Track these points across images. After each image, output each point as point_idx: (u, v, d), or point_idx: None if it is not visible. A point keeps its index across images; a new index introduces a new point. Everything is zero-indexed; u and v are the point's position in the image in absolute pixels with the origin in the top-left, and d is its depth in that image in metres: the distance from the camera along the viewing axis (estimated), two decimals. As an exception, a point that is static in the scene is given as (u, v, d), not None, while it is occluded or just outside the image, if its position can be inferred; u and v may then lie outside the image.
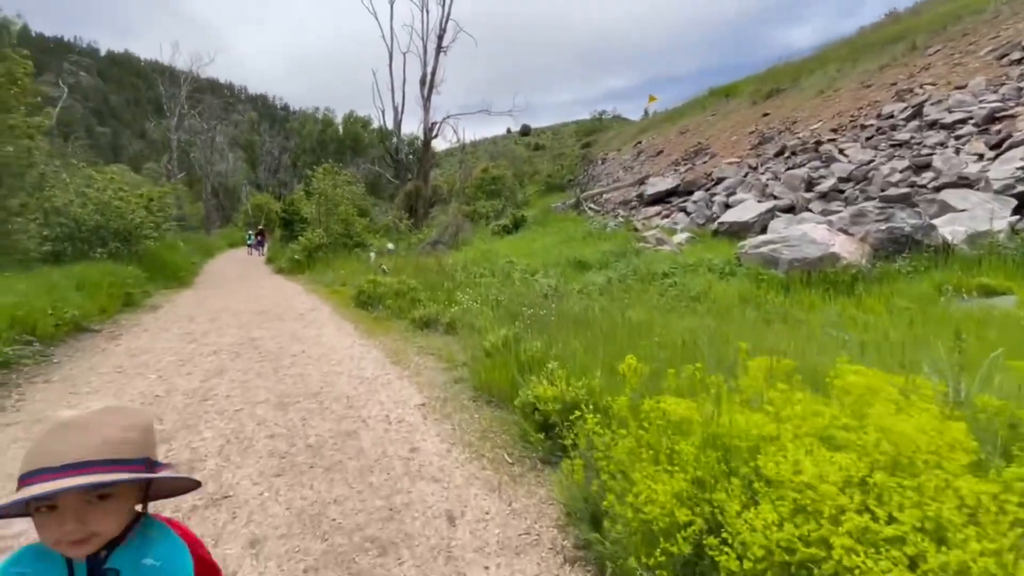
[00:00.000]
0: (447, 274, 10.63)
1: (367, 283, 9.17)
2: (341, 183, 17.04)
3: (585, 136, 47.66)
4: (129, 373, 4.87)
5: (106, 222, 10.74)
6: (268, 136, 54.91)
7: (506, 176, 27.57)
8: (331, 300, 9.94)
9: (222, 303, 9.17)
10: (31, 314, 5.42)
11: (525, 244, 16.73)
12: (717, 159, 18.74)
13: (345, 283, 12.26)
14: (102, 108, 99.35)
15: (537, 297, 8.38)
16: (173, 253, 12.58)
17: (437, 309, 7.47)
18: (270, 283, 12.49)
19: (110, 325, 6.90)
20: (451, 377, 4.93)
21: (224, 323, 7.43)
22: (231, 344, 6.17)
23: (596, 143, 38.90)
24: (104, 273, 7.77)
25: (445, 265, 12.71)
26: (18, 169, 8.29)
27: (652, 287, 8.82)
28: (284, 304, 9.27)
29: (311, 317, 8.12)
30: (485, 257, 14.71)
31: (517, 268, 11.23)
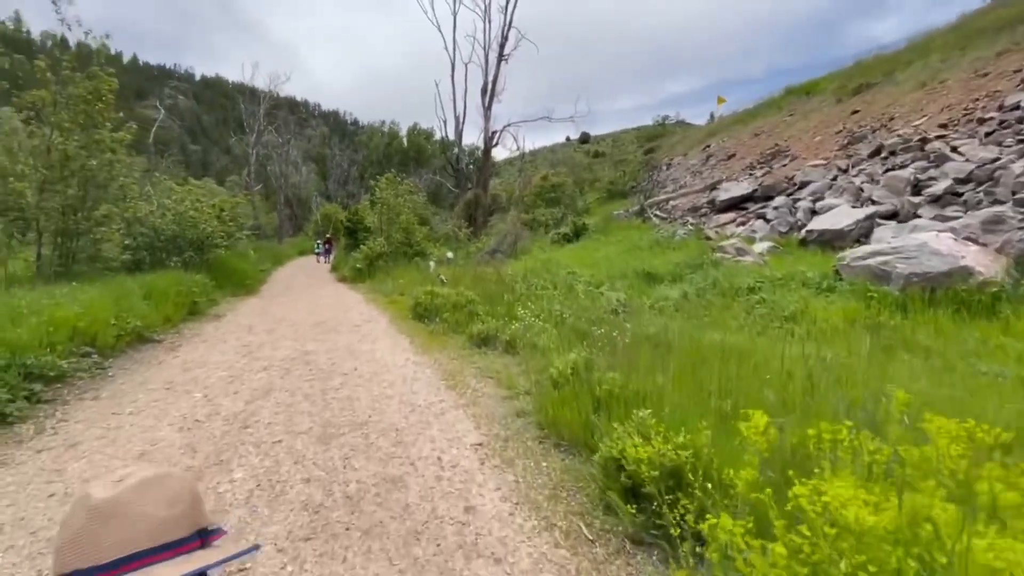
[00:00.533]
0: (506, 285, 10.07)
1: (424, 294, 8.76)
2: (403, 192, 17.02)
3: (647, 142, 46.07)
4: (177, 390, 4.60)
5: (182, 231, 11.08)
6: (338, 149, 57.40)
7: (566, 183, 26.86)
8: (389, 311, 9.63)
9: (282, 312, 9.08)
10: (93, 324, 5.34)
11: (587, 253, 15.92)
12: (798, 161, 17.11)
13: (404, 293, 12.00)
14: (195, 128, 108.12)
15: (605, 313, 7.62)
16: (243, 261, 12.89)
17: (496, 325, 6.89)
18: (331, 292, 12.48)
19: (172, 335, 6.85)
20: (512, 409, 4.29)
21: (281, 335, 7.21)
22: (283, 359, 5.86)
23: (660, 148, 37.37)
24: (172, 282, 7.84)
25: (504, 275, 12.18)
26: (102, 181, 8.58)
27: (736, 304, 7.80)
28: (342, 315, 9.04)
29: (367, 329, 7.78)
30: (545, 267, 14.07)
31: (580, 280, 10.48)
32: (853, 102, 18.74)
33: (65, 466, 3.10)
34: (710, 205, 18.28)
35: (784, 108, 24.35)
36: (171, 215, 11.15)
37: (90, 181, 8.53)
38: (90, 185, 8.57)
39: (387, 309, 9.85)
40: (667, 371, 4.29)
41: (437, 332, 7.47)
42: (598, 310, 7.82)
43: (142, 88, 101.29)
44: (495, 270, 13.21)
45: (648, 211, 21.17)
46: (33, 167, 8.06)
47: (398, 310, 9.63)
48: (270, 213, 43.19)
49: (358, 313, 9.28)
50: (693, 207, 19.53)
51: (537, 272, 13.19)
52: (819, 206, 12.79)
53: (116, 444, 3.44)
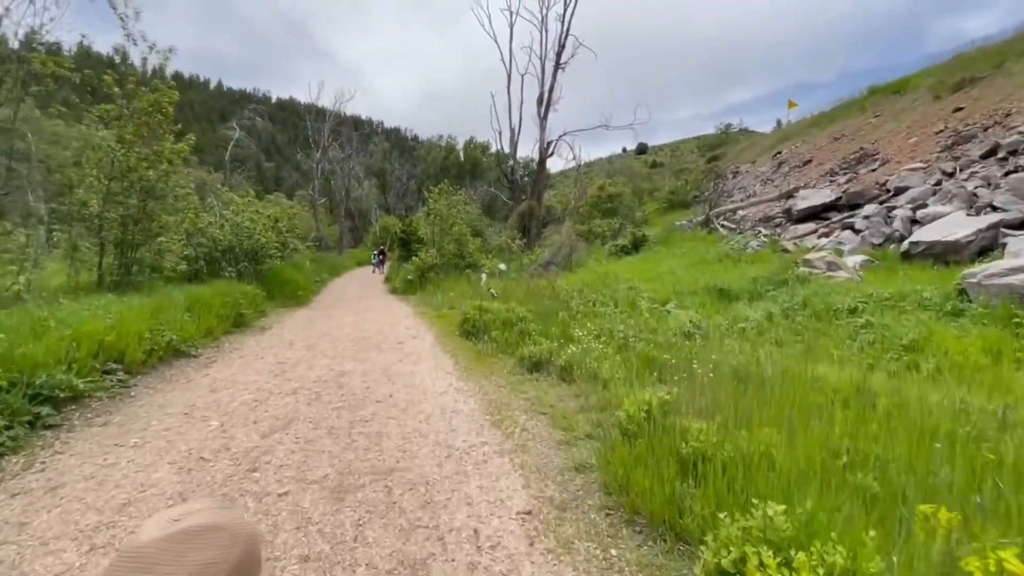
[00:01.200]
0: (561, 301, 9.22)
1: (473, 309, 8.08)
2: (456, 203, 16.64)
3: (709, 151, 43.98)
4: (194, 416, 4.11)
5: (238, 242, 11.08)
6: (398, 164, 58.97)
7: (624, 193, 25.71)
8: (436, 326, 9.03)
9: (327, 326, 8.69)
10: (123, 339, 5.01)
11: (648, 267, 14.79)
12: (890, 165, 15.21)
13: (453, 306, 11.42)
14: (270, 146, 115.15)
15: (675, 336, 6.61)
16: (297, 272, 12.85)
17: (550, 346, 6.06)
18: (381, 304, 12.12)
19: (211, 349, 6.53)
20: (570, 459, 3.44)
21: (320, 351, 6.74)
22: (316, 380, 5.31)
23: (724, 157, 35.40)
24: (217, 293, 7.61)
25: (558, 289, 11.34)
26: (159, 192, 8.58)
27: (834, 328, 6.56)
28: (387, 329, 8.53)
29: (410, 347, 7.17)
30: (602, 281, 13.10)
31: (643, 296, 9.47)
32: (955, 99, 16.59)
33: (32, 518, 2.58)
34: (786, 215, 16.64)
35: (868, 109, 22.15)
36: (228, 226, 11.19)
37: (149, 192, 8.54)
38: (149, 196, 8.58)
39: (434, 324, 9.26)
40: (768, 416, 3.31)
41: (485, 352, 6.74)
42: (667, 332, 6.82)
43: (225, 110, 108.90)
44: (549, 283, 12.40)
45: (714, 221, 19.68)
46: (96, 177, 8.14)
47: (445, 325, 9.02)
48: (332, 225, 44.64)
49: (404, 328, 8.74)
50: (766, 217, 17.90)
51: (594, 286, 12.26)
52: (921, 215, 11.10)
53: (102, 488, 2.91)
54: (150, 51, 8.71)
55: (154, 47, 8.72)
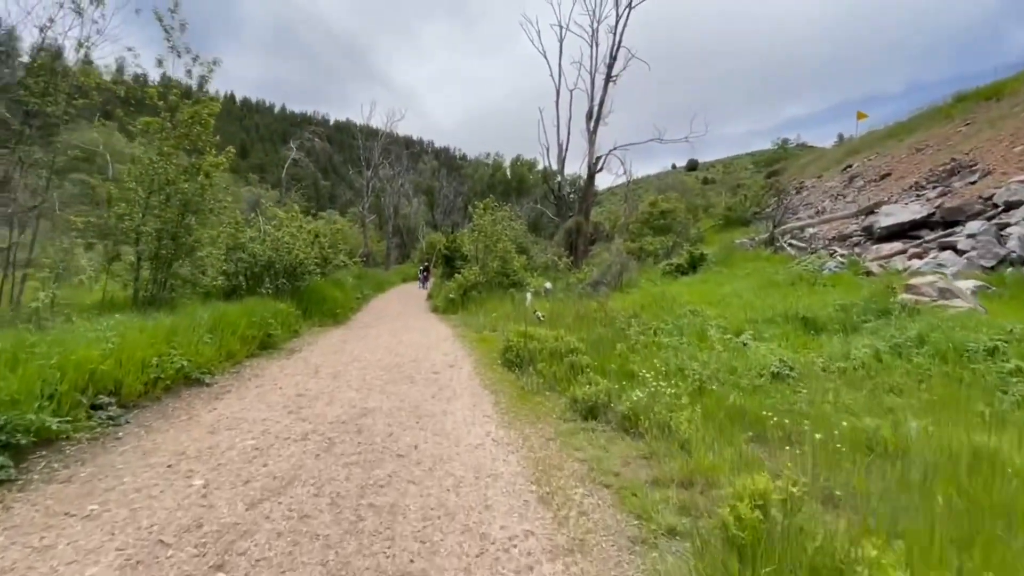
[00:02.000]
0: (616, 328, 8.15)
1: (516, 336, 7.15)
2: (501, 219, 15.91)
3: (766, 166, 41.74)
4: (178, 471, 3.36)
5: (278, 258, 10.71)
6: (446, 181, 59.59)
7: (677, 209, 24.28)
8: (476, 352, 8.16)
9: (360, 349, 7.99)
10: (122, 367, 4.41)
11: (710, 289, 13.42)
12: (994, 177, 13.25)
13: (495, 328, 10.55)
14: (327, 166, 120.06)
15: (761, 377, 5.43)
16: (336, 289, 12.40)
17: (607, 387, 5.03)
18: (420, 324, 11.42)
19: (228, 376, 5.89)
20: (651, 570, 2.41)
21: (346, 380, 5.98)
22: (333, 421, 4.51)
23: (785, 171, 33.24)
24: (244, 312, 7.07)
25: (611, 313, 10.25)
26: (195, 205, 8.24)
27: (969, 373, 5.17)
28: (422, 355, 7.72)
29: (446, 378, 6.30)
30: (658, 303, 11.89)
31: (711, 323, 8.23)
32: (1071, 101, 14.42)
33: None
34: (865, 233, 14.85)
35: (956, 117, 19.90)
36: (269, 241, 10.84)
37: (186, 205, 8.21)
38: (186, 209, 8.25)
39: (474, 349, 8.39)
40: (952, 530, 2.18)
41: (530, 389, 5.77)
42: (750, 372, 5.63)
43: (287, 132, 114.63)
44: (600, 305, 11.32)
45: (780, 240, 18.00)
46: (135, 190, 7.88)
47: (486, 351, 8.13)
48: (380, 242, 45.21)
49: (441, 354, 7.90)
50: (840, 235, 16.11)
51: (650, 309, 11.07)
52: (1048, 232, 9.32)
53: (14, 592, 2.15)
54: (193, 63, 8.48)
55: (197, 58, 8.49)
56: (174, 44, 8.28)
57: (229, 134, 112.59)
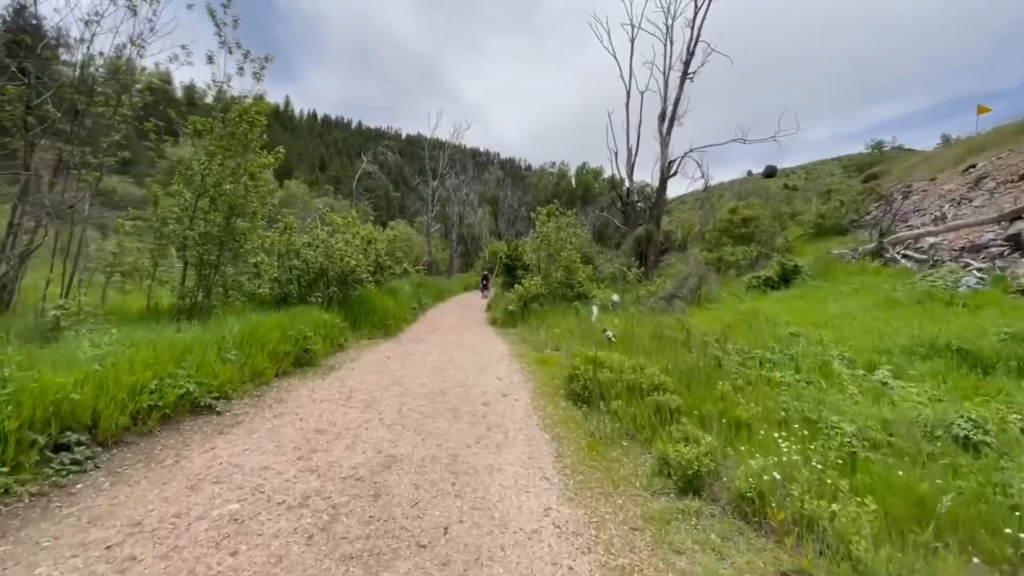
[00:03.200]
0: (707, 353, 6.62)
1: (584, 363, 5.86)
2: (565, 225, 14.65)
3: (857, 171, 37.54)
4: (116, 556, 2.41)
5: (331, 265, 10.10)
6: (510, 191, 59.28)
7: (761, 216, 21.82)
8: (535, 377, 6.94)
9: (404, 369, 7.00)
10: (107, 394, 3.61)
11: (810, 306, 11.39)
12: None
13: (559, 347, 9.27)
14: (398, 178, 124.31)
15: (929, 437, 3.80)
16: (389, 299, 11.67)
17: (710, 444, 3.64)
18: (475, 339, 10.37)
19: (246, 401, 5.06)
20: None
21: (379, 412, 4.96)
22: (347, 477, 3.46)
23: (886, 175, 29.44)
24: (276, 325, 6.31)
25: (695, 333, 8.66)
26: (240, 208, 7.70)
27: None
28: (473, 379, 6.60)
29: (497, 413, 5.13)
30: (748, 322, 10.11)
31: (831, 354, 6.48)
32: None
33: None
34: (1011, 243, 12.12)
35: (1125, 103, 16.19)
36: (322, 247, 10.27)
37: (233, 208, 7.69)
38: (233, 212, 7.73)
39: (534, 373, 7.17)
40: None
41: (603, 437, 4.46)
42: (912, 430, 3.99)
43: (363, 146, 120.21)
44: (680, 323, 9.74)
45: (890, 250, 15.37)
46: (181, 193, 7.46)
47: (548, 376, 6.89)
48: (444, 250, 45.34)
49: (494, 378, 6.75)
50: (973, 245, 13.35)
51: (740, 329, 9.35)
52: None
53: None
54: (244, 59, 8.01)
55: (248, 54, 8.00)
56: (225, 39, 7.83)
57: (311, 149, 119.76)
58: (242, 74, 8.10)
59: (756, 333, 9.08)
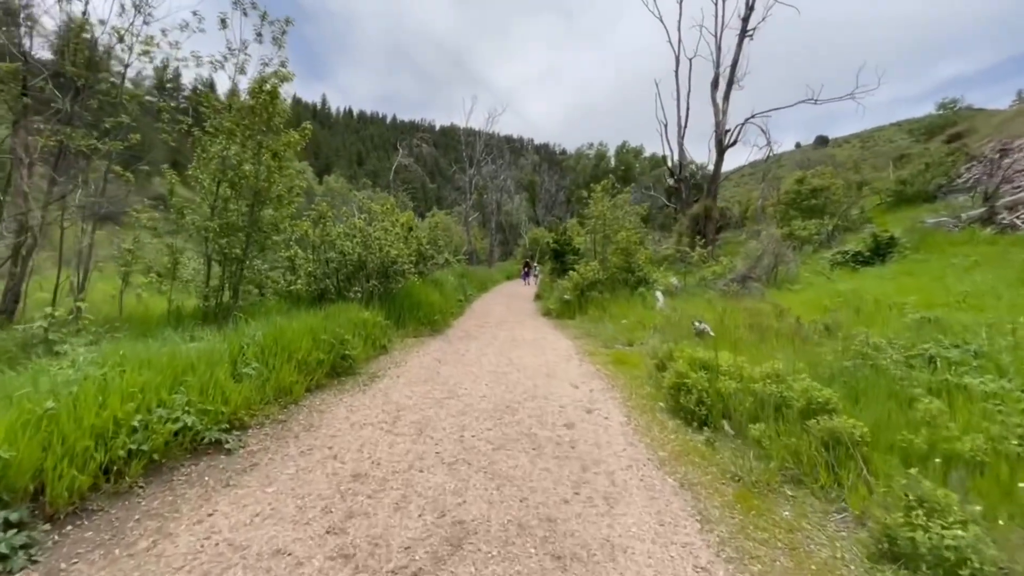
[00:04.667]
0: (841, 347, 5.05)
1: (690, 368, 4.46)
2: (621, 203, 13.10)
3: (926, 135, 33.78)
4: None
5: (369, 256, 9.02)
6: (547, 175, 57.49)
7: (833, 186, 19.46)
8: (618, 381, 5.58)
9: (458, 375, 5.79)
10: (62, 445, 2.54)
11: (927, 284, 9.47)
12: None
13: (631, 342, 7.87)
14: (433, 169, 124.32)
15: None
16: (434, 291, 10.52)
17: (946, 499, 2.19)
18: (531, 333, 9.08)
19: (265, 432, 3.92)
20: None
21: (433, 442, 3.74)
22: (397, 567, 2.24)
23: (971, 134, 26.07)
24: (307, 329, 5.20)
25: (793, 319, 7.05)
26: (264, 194, 6.65)
27: None
28: (543, 387, 5.31)
29: (588, 441, 3.82)
30: (854, 305, 8.38)
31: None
32: None
33: None
34: None
35: None
36: (360, 237, 9.19)
37: (257, 195, 6.66)
38: (257, 199, 6.70)
39: (614, 377, 5.80)
40: None
41: (755, 484, 3.08)
42: None
43: (398, 140, 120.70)
44: (775, 308, 8.12)
45: (1006, 215, 13.00)
46: (200, 181, 6.47)
47: (632, 381, 5.52)
48: (483, 239, 44.26)
49: (568, 385, 5.44)
50: (1125, 204, 10.94)
51: (845, 314, 7.67)
52: None
53: None
54: (262, 22, 6.88)
55: (265, 16, 6.87)
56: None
57: (348, 145, 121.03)
58: (260, 40, 7.02)
59: (873, 319, 7.38)
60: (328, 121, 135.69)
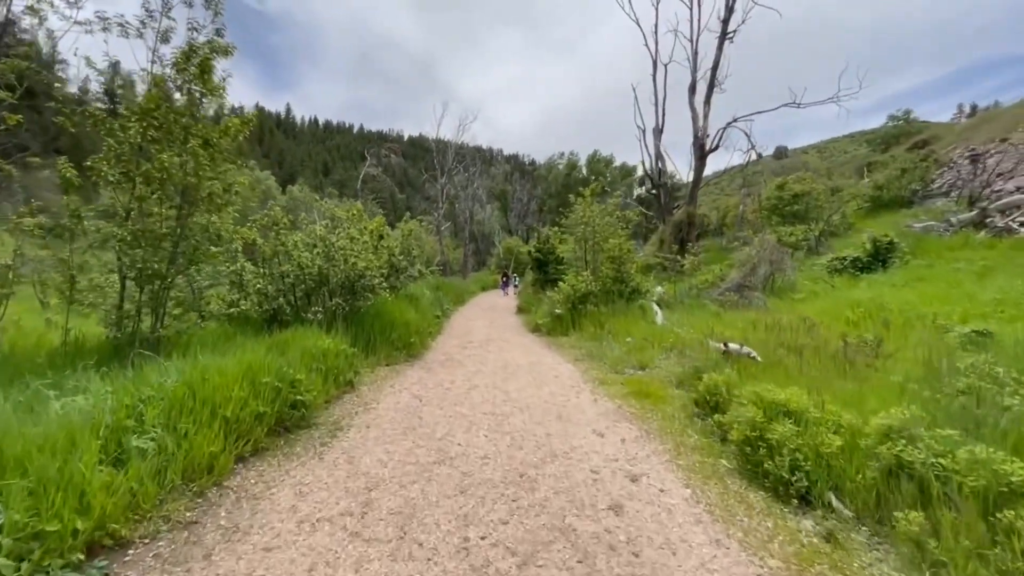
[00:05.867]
0: (954, 381, 4.00)
1: (762, 413, 3.29)
2: (611, 209, 12.05)
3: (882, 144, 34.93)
4: None
5: (333, 269, 7.59)
6: (519, 185, 56.67)
7: (815, 191, 19.09)
8: (651, 422, 4.38)
9: (445, 424, 4.45)
10: None
11: (947, 292, 8.72)
12: None
13: (644, 365, 6.69)
14: (403, 179, 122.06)
15: None
16: (409, 308, 9.09)
17: None
18: (523, 356, 7.83)
19: (159, 545, 2.55)
20: None
21: (425, 563, 2.43)
22: None
23: (936, 141, 26.54)
24: (245, 370, 3.73)
25: (823, 334, 6.05)
26: (192, 193, 5.18)
27: None
28: (557, 437, 4.04)
29: (654, 542, 2.57)
30: (878, 317, 7.52)
31: None
32: None
33: None
34: None
35: None
36: (321, 247, 7.76)
37: (185, 193, 5.19)
38: (185, 200, 5.23)
39: (644, 415, 4.59)
40: None
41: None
42: None
43: (364, 149, 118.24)
44: (804, 322, 7.12)
45: (998, 219, 12.62)
46: (102, 171, 4.95)
47: (667, 419, 4.34)
48: (456, 249, 42.83)
49: (592, 434, 4.18)
50: (1125, 205, 10.59)
51: (870, 326, 6.77)
52: None
53: None
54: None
55: None
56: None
57: (314, 155, 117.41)
58: (190, 3, 5.58)
59: (908, 334, 6.49)
60: (293, 131, 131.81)
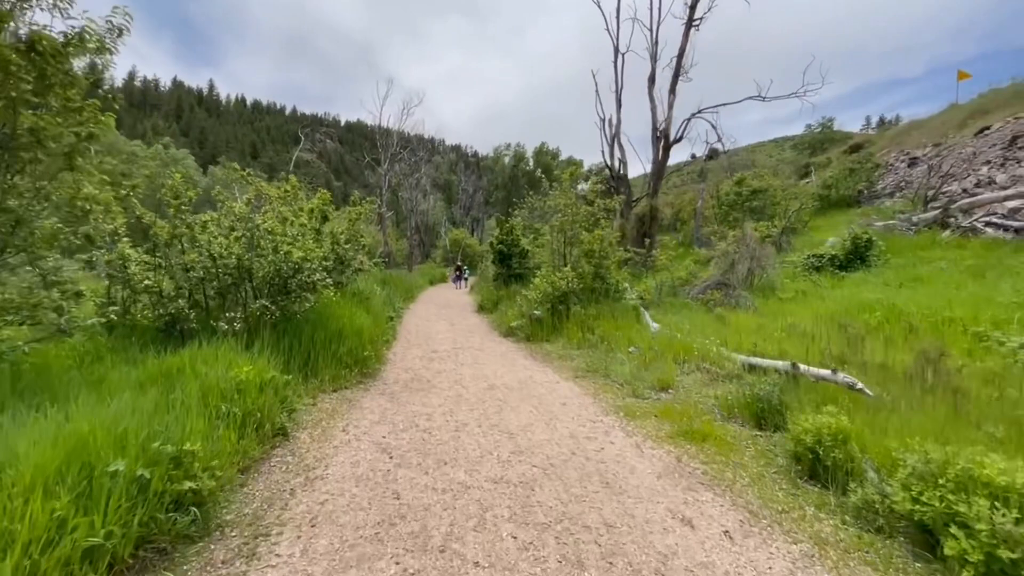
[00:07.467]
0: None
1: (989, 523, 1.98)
2: (592, 197, 10.69)
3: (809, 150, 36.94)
4: None
5: (256, 261, 5.60)
6: (464, 176, 54.63)
7: (772, 187, 18.92)
8: (740, 491, 2.99)
9: (437, 512, 2.81)
10: None
11: (950, 293, 8.11)
12: None
13: (666, 385, 5.34)
14: (339, 166, 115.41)
15: None
16: (359, 310, 7.15)
17: None
18: (509, 371, 6.26)
19: None
20: None
21: None
22: None
23: (871, 145, 27.72)
24: (80, 442, 1.93)
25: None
26: (24, 152, 3.15)
27: None
28: (619, 525, 2.56)
29: None
30: (896, 321, 6.71)
31: None
32: None
33: None
34: None
35: None
36: (242, 230, 5.73)
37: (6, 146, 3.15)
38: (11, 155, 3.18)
39: (723, 472, 3.20)
40: None
41: None
42: None
43: (297, 134, 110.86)
44: (854, 334, 6.08)
45: (961, 219, 12.61)
46: None
47: (753, 478, 2.97)
48: (400, 240, 40.19)
49: (674, 522, 2.71)
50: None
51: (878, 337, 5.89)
52: None
53: None
54: None
55: None
56: None
57: (240, 136, 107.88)
58: None
59: (945, 343, 5.64)
60: (217, 109, 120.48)
